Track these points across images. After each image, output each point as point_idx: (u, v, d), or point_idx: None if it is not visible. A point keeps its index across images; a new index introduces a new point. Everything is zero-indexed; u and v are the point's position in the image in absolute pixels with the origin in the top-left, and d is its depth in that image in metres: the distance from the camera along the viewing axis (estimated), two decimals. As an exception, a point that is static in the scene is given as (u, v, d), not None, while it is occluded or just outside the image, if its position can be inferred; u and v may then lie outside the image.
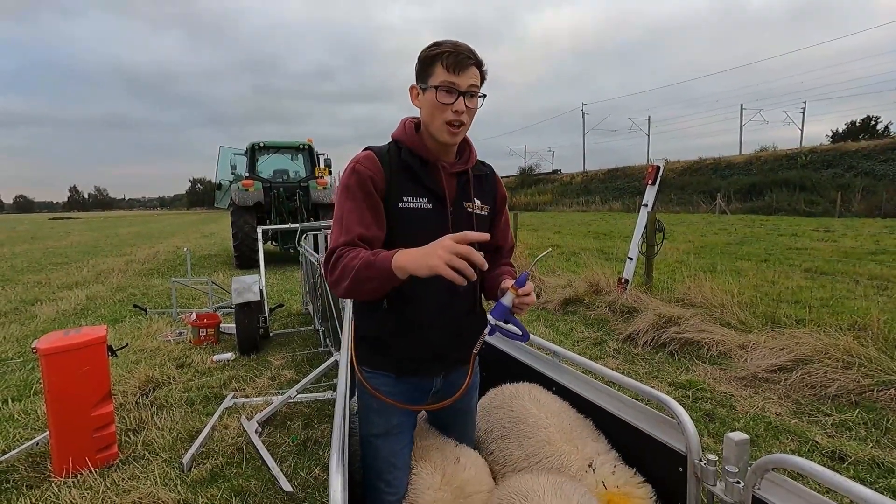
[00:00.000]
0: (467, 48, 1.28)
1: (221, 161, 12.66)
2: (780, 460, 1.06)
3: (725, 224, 18.12)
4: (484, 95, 1.34)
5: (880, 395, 3.25)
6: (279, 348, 4.89)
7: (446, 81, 1.26)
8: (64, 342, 2.59)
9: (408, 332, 1.38)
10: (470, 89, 1.28)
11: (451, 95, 1.27)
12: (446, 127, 1.30)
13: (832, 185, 23.85)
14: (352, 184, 1.31)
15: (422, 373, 1.45)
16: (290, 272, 9.89)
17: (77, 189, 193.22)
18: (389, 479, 1.44)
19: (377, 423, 1.45)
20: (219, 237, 20.20)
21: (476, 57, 1.29)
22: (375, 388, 1.42)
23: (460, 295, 1.39)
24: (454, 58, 1.25)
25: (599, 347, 4.69)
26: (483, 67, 1.32)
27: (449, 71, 1.26)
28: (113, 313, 6.58)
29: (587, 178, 43.13)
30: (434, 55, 1.27)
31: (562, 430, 1.64)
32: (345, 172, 1.35)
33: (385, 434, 1.45)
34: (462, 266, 1.07)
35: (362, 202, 1.29)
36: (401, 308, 1.36)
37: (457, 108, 1.27)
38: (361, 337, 1.46)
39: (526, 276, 1.31)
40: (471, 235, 1.11)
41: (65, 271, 10.82)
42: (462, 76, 1.26)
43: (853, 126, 41.28)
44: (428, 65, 1.29)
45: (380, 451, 1.45)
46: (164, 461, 2.78)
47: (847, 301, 5.65)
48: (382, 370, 1.43)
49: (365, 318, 1.44)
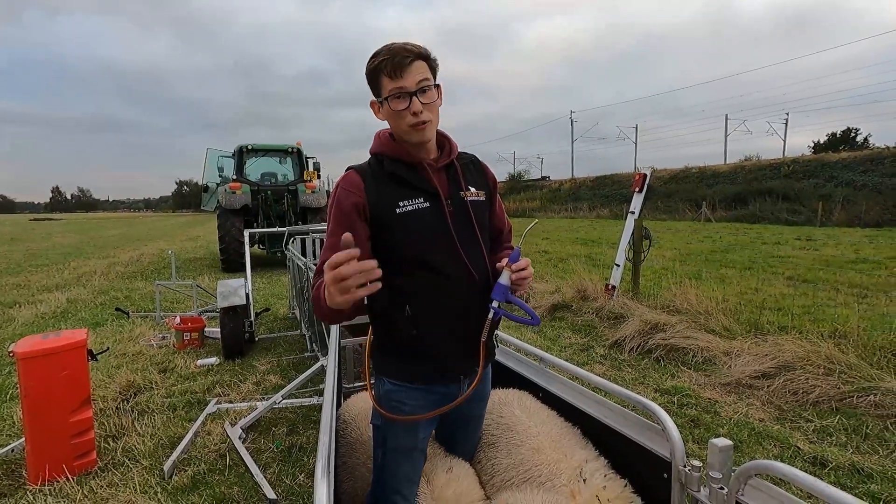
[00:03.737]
0: (404, 47, 1.25)
1: (209, 163, 12.53)
2: (763, 466, 1.07)
3: (711, 232, 18.37)
4: (438, 85, 1.32)
5: (860, 402, 3.30)
6: (265, 353, 4.83)
7: (394, 88, 1.25)
8: (42, 346, 2.53)
9: (436, 331, 1.35)
10: (420, 86, 1.26)
11: (404, 101, 1.26)
12: (412, 129, 1.29)
13: (814, 194, 24.31)
14: (333, 208, 1.32)
15: (449, 378, 1.40)
16: (277, 276, 9.80)
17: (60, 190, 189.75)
18: (406, 494, 1.43)
19: (403, 438, 1.42)
20: (205, 240, 19.94)
21: (415, 51, 1.26)
22: (404, 400, 1.39)
23: (476, 280, 1.36)
24: (391, 62, 1.24)
25: (587, 353, 4.71)
26: (430, 58, 1.30)
27: (392, 77, 1.25)
28: (94, 316, 6.45)
29: (575, 184, 43.45)
30: (375, 67, 1.27)
31: (551, 439, 1.64)
32: (330, 196, 1.37)
33: (412, 449, 1.43)
34: (353, 283, 0.99)
35: (338, 227, 1.27)
36: (426, 308, 1.33)
37: (413, 109, 1.26)
38: (384, 345, 1.42)
39: (518, 252, 1.31)
40: (338, 257, 1.00)
41: (45, 273, 10.60)
42: (406, 77, 1.25)
43: (834, 137, 42.21)
44: (373, 78, 1.29)
45: (402, 465, 1.43)
46: (145, 468, 2.72)
47: (828, 309, 5.76)
48: (410, 381, 1.39)
49: (388, 327, 1.39)
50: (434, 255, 1.32)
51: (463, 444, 1.69)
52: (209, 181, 12.51)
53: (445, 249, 1.33)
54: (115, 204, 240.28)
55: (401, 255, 1.31)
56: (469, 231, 1.37)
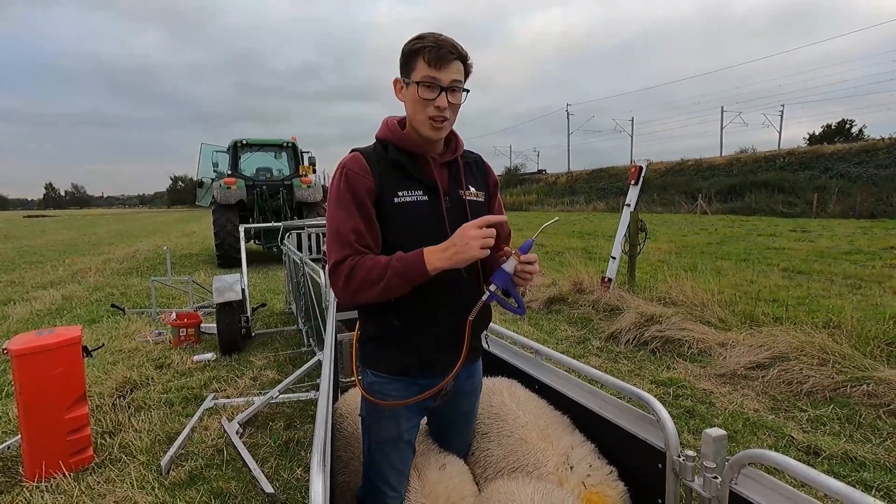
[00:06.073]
0: (450, 42, 1.25)
1: (203, 158, 12.45)
2: (757, 455, 1.07)
3: (706, 224, 18.43)
4: (467, 90, 1.32)
5: (853, 391, 3.33)
6: (261, 348, 4.83)
7: (428, 76, 1.24)
8: (36, 343, 2.52)
9: (420, 324, 1.35)
10: (452, 84, 1.26)
11: (433, 91, 1.25)
12: (429, 122, 1.29)
13: (809, 186, 24.41)
14: (342, 191, 1.29)
15: (434, 372, 1.38)
16: (273, 271, 9.78)
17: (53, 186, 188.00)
18: (394, 484, 1.44)
19: (388, 427, 1.42)
20: (200, 236, 19.85)
21: (459, 51, 1.26)
22: (387, 392, 1.39)
23: (466, 282, 1.37)
24: (436, 52, 1.23)
25: (583, 346, 4.73)
26: (468, 62, 1.30)
27: (431, 66, 1.24)
28: (89, 313, 6.42)
29: (572, 178, 43.47)
30: (416, 49, 1.25)
31: (538, 428, 1.65)
32: (334, 178, 1.34)
33: (396, 439, 1.43)
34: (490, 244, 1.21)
35: (355, 210, 1.27)
36: (410, 302, 1.32)
37: (439, 103, 1.26)
38: (370, 338, 1.42)
39: (531, 243, 1.28)
40: (491, 219, 1.24)
41: (40, 270, 10.54)
42: (444, 71, 1.24)
43: (829, 129, 42.28)
44: (410, 59, 1.27)
45: (388, 456, 1.43)
46: (142, 464, 2.72)
47: (822, 300, 5.79)
48: (394, 374, 1.39)
49: (375, 317, 1.38)
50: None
51: (457, 439, 1.69)
52: (204, 176, 12.44)
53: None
54: (109, 200, 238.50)
55: (391, 245, 1.30)
56: None
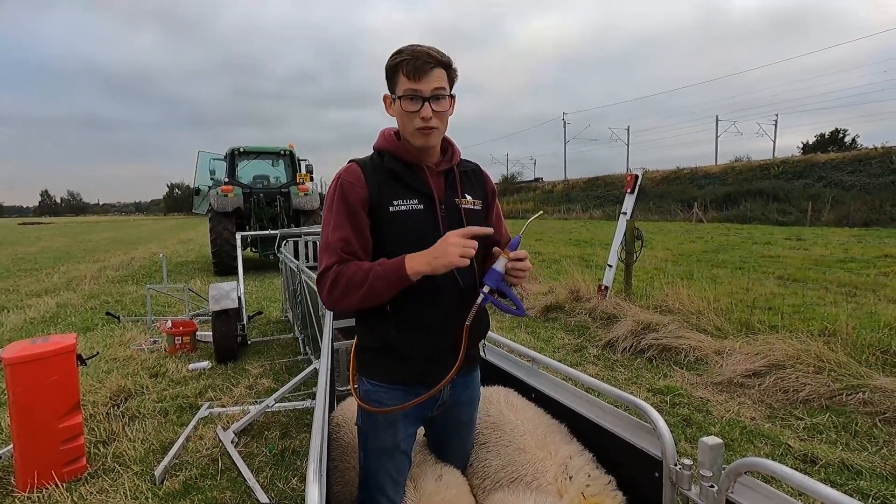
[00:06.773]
0: (427, 52, 1.26)
1: (200, 166, 12.46)
2: (753, 464, 1.07)
3: (702, 232, 18.51)
4: (453, 96, 1.33)
5: (849, 399, 3.34)
6: (257, 356, 4.80)
7: (409, 90, 1.26)
8: (30, 351, 2.50)
9: (417, 334, 1.35)
10: (435, 93, 1.27)
11: (416, 103, 1.26)
12: (418, 132, 1.30)
13: (803, 195, 24.60)
14: (335, 201, 1.32)
15: (429, 382, 1.36)
16: (269, 279, 9.74)
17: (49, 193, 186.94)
18: (390, 495, 1.43)
19: (384, 437, 1.42)
20: (196, 243, 19.78)
21: (438, 58, 1.27)
22: (383, 401, 1.39)
23: (464, 292, 1.37)
24: (413, 64, 1.24)
25: (580, 354, 4.73)
26: (451, 67, 1.31)
27: (410, 79, 1.25)
28: (84, 321, 6.38)
29: (568, 186, 43.65)
30: (396, 64, 1.27)
31: (535, 437, 1.65)
32: (330, 188, 1.36)
33: (392, 449, 1.42)
34: (470, 253, 1.22)
35: (346, 220, 1.30)
36: (407, 311, 1.33)
37: (423, 114, 1.27)
38: (368, 348, 1.42)
39: (518, 240, 1.30)
40: (476, 230, 1.26)
41: (34, 278, 10.47)
42: (424, 81, 1.25)
43: (823, 138, 42.68)
44: (392, 74, 1.30)
45: (385, 465, 1.43)
46: (136, 474, 2.70)
47: (818, 308, 5.82)
48: (391, 383, 1.39)
49: (373, 327, 1.39)
50: None
51: (456, 451, 1.68)
52: (201, 184, 12.43)
53: None
54: (105, 207, 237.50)
55: (387, 253, 1.30)
56: None
